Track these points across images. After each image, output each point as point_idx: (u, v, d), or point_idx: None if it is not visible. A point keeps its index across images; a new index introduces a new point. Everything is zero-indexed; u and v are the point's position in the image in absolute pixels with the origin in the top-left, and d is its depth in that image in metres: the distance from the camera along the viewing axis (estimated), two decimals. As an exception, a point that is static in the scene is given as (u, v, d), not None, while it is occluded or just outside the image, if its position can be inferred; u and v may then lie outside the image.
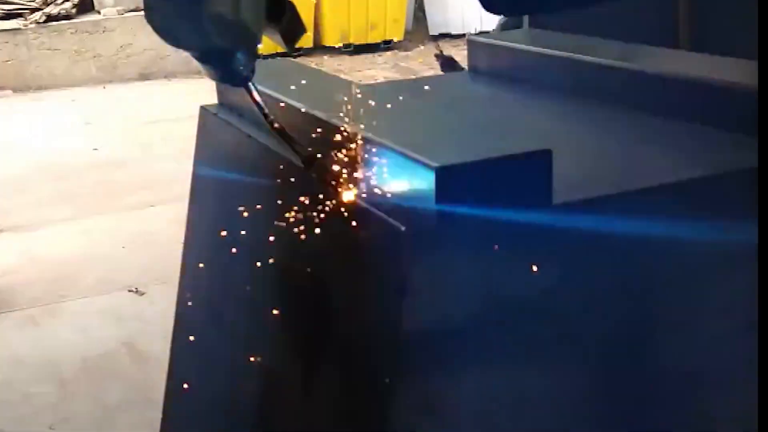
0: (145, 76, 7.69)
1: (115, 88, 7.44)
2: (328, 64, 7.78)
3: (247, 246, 1.52)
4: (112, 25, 7.70)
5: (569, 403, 1.23)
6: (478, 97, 1.86)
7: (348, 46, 8.21)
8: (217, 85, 1.66)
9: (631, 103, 1.56)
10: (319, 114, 1.32)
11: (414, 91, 1.85)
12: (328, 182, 1.19)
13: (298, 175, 1.27)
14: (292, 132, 1.23)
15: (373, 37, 8.28)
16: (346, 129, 1.23)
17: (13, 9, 7.62)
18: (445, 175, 1.08)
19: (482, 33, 6.29)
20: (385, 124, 1.23)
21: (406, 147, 1.15)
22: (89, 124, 6.28)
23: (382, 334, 1.15)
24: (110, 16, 7.74)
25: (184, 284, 1.86)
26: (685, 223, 1.22)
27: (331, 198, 1.20)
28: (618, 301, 1.23)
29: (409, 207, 1.13)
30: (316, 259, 1.28)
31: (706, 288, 1.28)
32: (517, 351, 1.18)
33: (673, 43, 2.08)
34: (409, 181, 1.13)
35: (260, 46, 1.15)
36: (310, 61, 7.59)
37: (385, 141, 1.18)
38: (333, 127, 1.26)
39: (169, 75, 7.64)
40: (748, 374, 1.13)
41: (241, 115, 1.62)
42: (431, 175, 1.08)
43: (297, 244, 1.30)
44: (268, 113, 1.20)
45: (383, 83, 3.70)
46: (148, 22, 1.12)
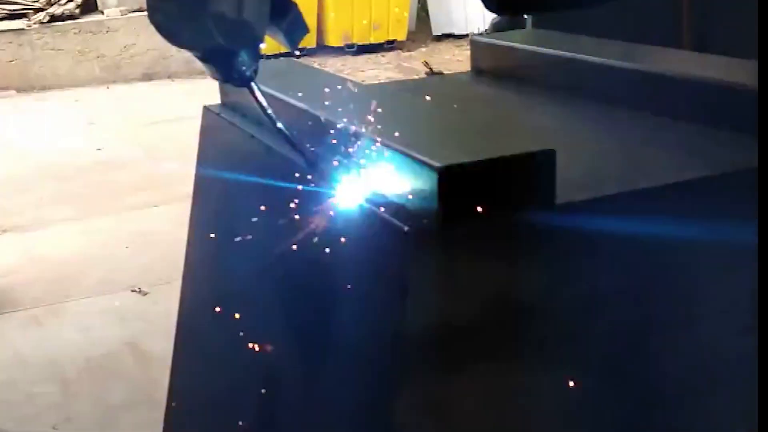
0: (148, 76, 7.69)
1: (119, 89, 7.45)
2: (331, 64, 7.78)
3: (249, 246, 1.52)
4: (116, 25, 7.71)
5: (571, 403, 1.23)
6: (482, 97, 1.86)
7: (351, 46, 8.21)
8: (220, 85, 1.66)
9: (634, 103, 1.55)
10: (321, 114, 1.32)
11: (417, 91, 1.85)
12: (330, 182, 1.20)
13: (301, 175, 1.27)
14: (294, 132, 1.23)
15: (376, 38, 8.28)
16: (348, 129, 1.23)
17: (16, 9, 7.63)
18: (448, 175, 1.08)
19: (484, 33, 6.29)
20: (388, 125, 1.23)
21: (409, 147, 1.15)
22: (92, 124, 6.29)
23: (384, 335, 1.15)
24: (114, 17, 7.75)
25: (186, 284, 1.86)
26: (686, 223, 1.22)
27: (334, 198, 1.20)
28: (620, 301, 1.23)
29: (412, 207, 1.13)
30: (319, 259, 1.28)
31: (708, 288, 1.27)
32: (520, 351, 1.18)
33: (677, 43, 2.08)
34: (412, 181, 1.13)
35: (263, 46, 1.15)
36: (313, 61, 7.59)
37: (388, 141, 1.18)
38: (336, 127, 1.26)
39: (173, 75, 7.65)
40: (748, 374, 1.13)
41: (244, 115, 1.62)
42: (434, 175, 1.08)
43: (300, 244, 1.30)
44: (271, 113, 1.20)
45: (386, 83, 3.70)
46: (151, 23, 1.13)
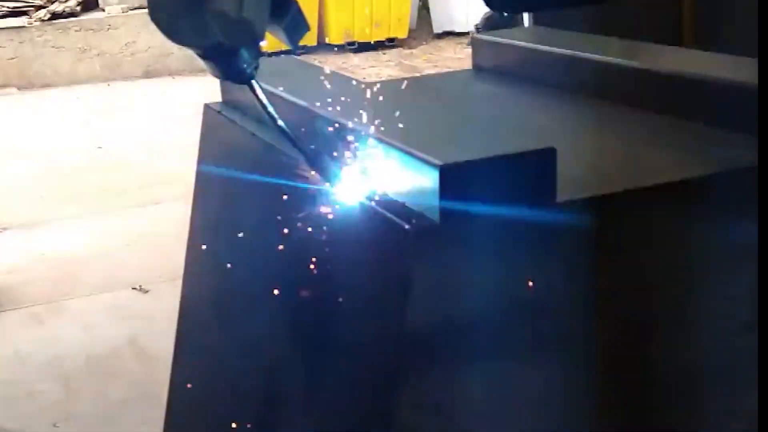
0: (149, 74, 7.69)
1: (120, 86, 7.45)
2: (332, 62, 7.78)
3: (250, 244, 1.52)
4: (117, 23, 7.70)
5: (572, 402, 1.23)
6: (482, 95, 1.86)
7: (352, 43, 8.21)
8: (221, 82, 1.66)
9: (635, 101, 1.55)
10: (322, 112, 1.32)
11: (418, 89, 1.85)
12: (331, 180, 1.20)
13: (302, 173, 1.26)
14: (295, 130, 1.23)
15: (377, 35, 8.28)
16: (349, 127, 1.23)
17: (17, 7, 7.63)
18: (449, 173, 1.08)
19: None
20: (389, 122, 1.23)
21: (410, 145, 1.15)
22: (93, 122, 6.29)
23: (385, 333, 1.15)
24: (115, 14, 7.75)
25: (188, 282, 1.86)
26: (687, 222, 1.22)
27: (335, 196, 1.20)
28: (621, 300, 1.23)
29: (413, 205, 1.13)
30: (320, 258, 1.28)
31: (708, 287, 1.27)
32: (521, 350, 1.18)
33: (677, 41, 2.08)
34: (413, 179, 1.13)
35: (264, 43, 1.15)
36: (314, 59, 7.59)
37: (389, 139, 1.18)
38: (337, 125, 1.26)
39: (174, 73, 7.65)
40: (748, 374, 1.12)
41: (245, 113, 1.62)
42: (435, 173, 1.08)
43: (300, 242, 1.30)
44: (272, 111, 1.20)
45: (387, 81, 3.70)
46: (152, 20, 1.12)
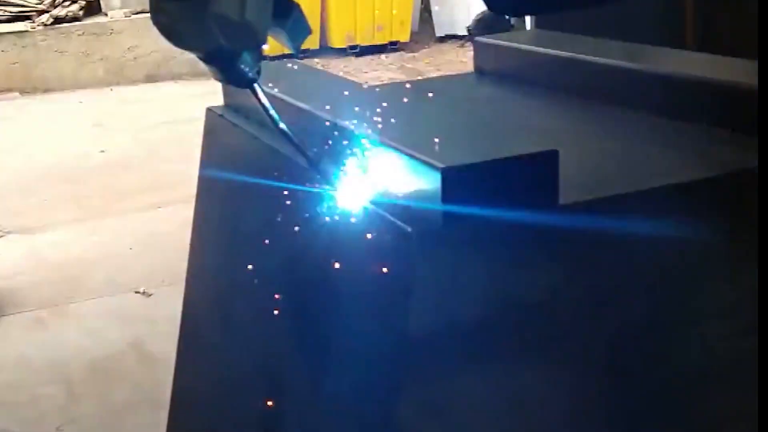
0: (152, 78, 7.70)
1: (122, 90, 7.45)
2: (334, 66, 7.77)
3: (253, 247, 1.52)
4: (119, 27, 7.71)
5: (574, 404, 1.22)
6: (484, 97, 1.86)
7: (354, 47, 8.21)
8: (223, 86, 1.67)
9: (637, 103, 1.55)
10: (325, 115, 1.32)
11: (420, 92, 1.85)
12: (333, 183, 1.20)
13: (304, 177, 1.27)
14: (297, 133, 1.23)
15: (380, 39, 8.27)
16: (352, 130, 1.23)
17: (20, 11, 7.64)
18: (451, 176, 1.08)
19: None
20: (391, 125, 1.23)
21: (412, 148, 1.15)
22: (96, 126, 6.29)
23: (388, 335, 1.15)
24: (117, 18, 7.75)
25: (190, 285, 1.86)
26: (689, 224, 1.22)
27: (337, 199, 1.20)
28: (623, 301, 1.23)
29: (416, 208, 1.13)
30: (322, 261, 1.28)
31: (708, 287, 1.27)
32: (524, 352, 1.18)
33: (679, 44, 2.08)
34: (415, 182, 1.13)
35: (266, 47, 1.15)
36: (316, 63, 7.60)
37: (391, 142, 1.18)
38: (339, 128, 1.26)
39: (176, 77, 7.65)
40: (748, 375, 1.12)
41: (247, 117, 1.62)
42: (437, 176, 1.08)
43: (303, 245, 1.31)
44: (274, 114, 1.20)
45: (389, 84, 3.70)
46: (154, 24, 1.13)
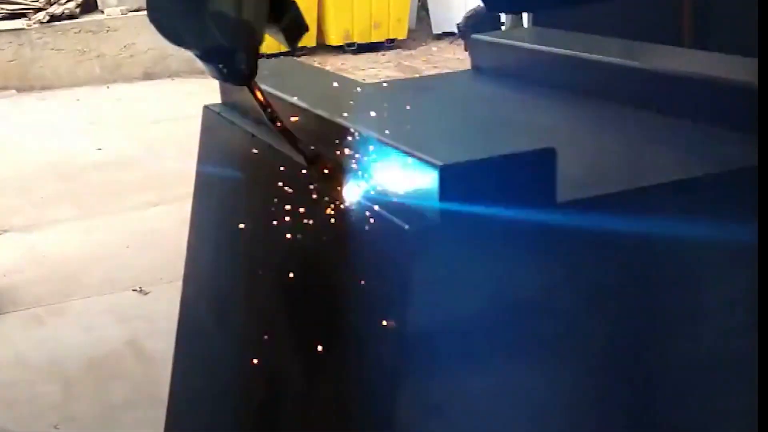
0: (148, 76, 7.69)
1: (119, 88, 7.44)
2: (331, 63, 7.77)
3: (250, 245, 1.52)
4: (116, 24, 7.70)
5: (572, 402, 1.23)
6: (482, 95, 1.86)
7: (351, 44, 8.21)
8: (221, 84, 1.66)
9: (635, 101, 1.55)
10: (322, 113, 1.32)
11: (417, 90, 1.85)
12: (331, 181, 1.19)
13: (302, 174, 1.27)
14: (295, 131, 1.23)
15: (377, 36, 8.27)
16: (349, 127, 1.23)
17: (16, 9, 7.63)
18: (448, 174, 1.08)
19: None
20: (388, 123, 1.23)
21: (409, 145, 1.15)
22: (93, 124, 6.28)
23: (385, 333, 1.15)
24: (114, 16, 7.74)
25: (188, 283, 1.86)
26: (687, 222, 1.22)
27: (335, 197, 1.20)
28: (621, 299, 1.23)
29: (413, 205, 1.13)
30: (320, 258, 1.28)
31: (708, 287, 1.27)
32: (521, 349, 1.18)
33: (676, 41, 2.08)
34: (412, 180, 1.13)
35: (263, 44, 1.15)
36: (313, 60, 7.59)
37: (389, 139, 1.18)
38: (336, 125, 1.26)
39: (173, 74, 7.64)
40: (748, 374, 1.12)
41: (244, 114, 1.62)
42: (435, 174, 1.08)
43: (300, 243, 1.30)
44: (271, 112, 1.20)
45: (386, 82, 3.70)
46: (151, 22, 1.13)
